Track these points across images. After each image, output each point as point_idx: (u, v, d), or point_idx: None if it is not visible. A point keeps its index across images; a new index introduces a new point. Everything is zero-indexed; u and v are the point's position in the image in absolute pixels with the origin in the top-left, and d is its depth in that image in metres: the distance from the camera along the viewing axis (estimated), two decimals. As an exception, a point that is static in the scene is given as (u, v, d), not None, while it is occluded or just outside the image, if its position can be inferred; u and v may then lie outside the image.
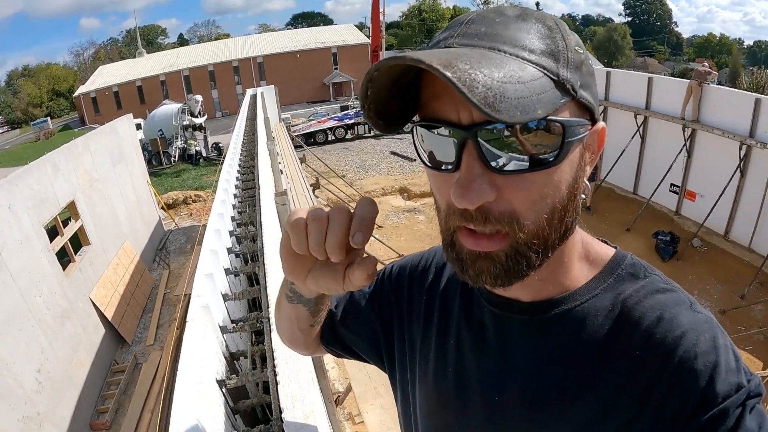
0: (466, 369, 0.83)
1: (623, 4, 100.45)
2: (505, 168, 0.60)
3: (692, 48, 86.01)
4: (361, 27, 61.71)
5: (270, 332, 2.20)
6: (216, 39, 74.47)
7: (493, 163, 0.60)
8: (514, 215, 0.62)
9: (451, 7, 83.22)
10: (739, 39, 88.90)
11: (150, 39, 79.33)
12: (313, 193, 10.15)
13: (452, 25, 0.66)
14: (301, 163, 13.77)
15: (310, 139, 24.93)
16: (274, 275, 2.58)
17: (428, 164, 0.67)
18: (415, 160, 19.90)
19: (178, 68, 49.05)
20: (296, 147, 16.40)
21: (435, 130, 0.63)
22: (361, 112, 0.64)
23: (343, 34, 54.46)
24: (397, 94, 0.64)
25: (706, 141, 13.10)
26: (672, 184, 13.78)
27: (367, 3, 28.91)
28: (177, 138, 24.76)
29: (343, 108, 29.00)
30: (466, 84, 0.52)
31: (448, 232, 0.68)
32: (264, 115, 10.83)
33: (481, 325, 0.82)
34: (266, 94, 16.67)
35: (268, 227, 3.61)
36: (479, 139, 0.60)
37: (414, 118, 0.68)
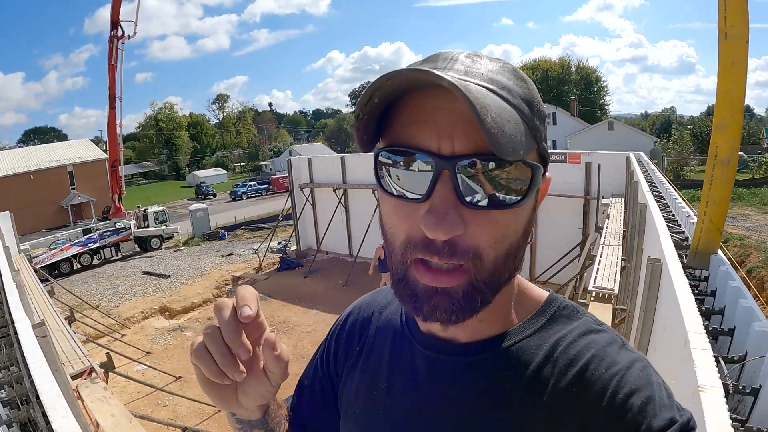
0: (398, 413, 0.81)
1: (349, 95, 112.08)
2: (477, 203, 0.62)
3: None
4: (97, 141, 58.90)
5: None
6: None
7: (467, 198, 0.62)
8: (477, 251, 0.64)
9: (188, 115, 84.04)
10: None
11: None
12: (70, 326, 9.21)
13: (434, 58, 0.68)
14: (50, 296, 12.41)
15: (54, 270, 22.30)
16: (56, 414, 2.31)
17: (392, 192, 0.67)
18: (169, 276, 19.27)
19: None
20: (42, 281, 14.71)
21: (407, 158, 0.64)
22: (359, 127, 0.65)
23: (79, 149, 50.97)
24: (378, 113, 0.65)
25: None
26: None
27: (103, 115, 28.11)
28: None
29: (86, 231, 26.92)
30: (482, 112, 0.55)
31: (402, 266, 0.68)
32: (2, 245, 9.92)
33: (413, 369, 0.81)
34: (1, 223, 14.98)
35: (35, 364, 3.24)
36: (457, 171, 0.61)
37: (379, 144, 0.68)
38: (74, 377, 6.32)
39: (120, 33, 25.82)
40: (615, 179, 13.44)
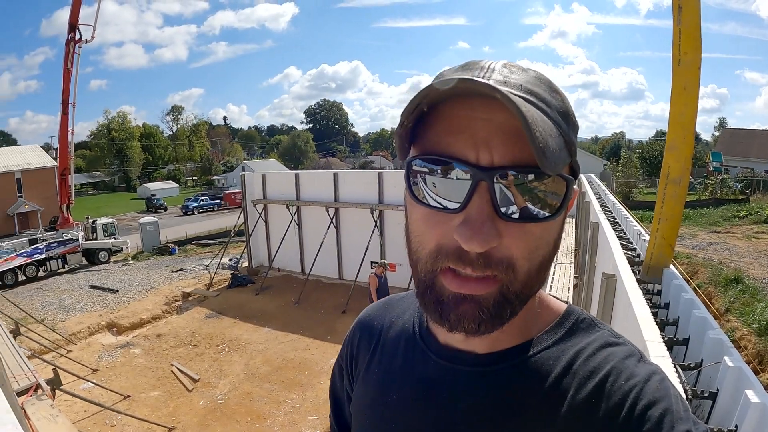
0: (411, 424, 0.80)
1: (304, 112, 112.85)
2: (513, 215, 0.62)
3: (368, 144, 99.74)
4: (47, 148, 56.62)
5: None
6: None
7: (504, 210, 0.62)
8: (511, 262, 0.64)
9: (141, 125, 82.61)
10: None
11: None
12: (15, 340, 8.98)
13: (470, 66, 0.69)
14: None
15: None
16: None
17: (424, 201, 0.66)
18: (117, 291, 18.72)
19: None
20: None
21: (443, 167, 0.64)
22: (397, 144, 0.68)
23: (28, 155, 49.17)
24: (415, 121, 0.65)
25: (392, 218, 16.44)
26: (372, 262, 15.64)
27: (55, 121, 27.29)
28: None
29: (32, 242, 25.75)
30: (532, 125, 0.56)
31: (429, 274, 0.67)
32: None
33: (427, 380, 0.81)
34: None
35: None
36: (495, 183, 0.62)
37: (412, 152, 0.69)
38: (20, 394, 6.22)
39: (78, 37, 25.23)
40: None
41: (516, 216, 0.62)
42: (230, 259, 22.06)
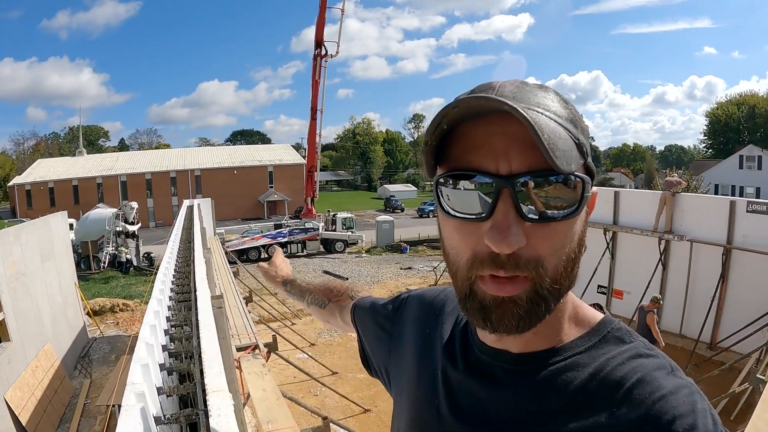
0: (451, 406, 0.86)
1: None
2: (536, 217, 0.67)
3: (609, 159, 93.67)
4: (297, 147, 63.65)
5: (206, 426, 2.25)
6: (156, 147, 76.31)
7: (527, 212, 0.67)
8: (539, 261, 0.68)
9: (384, 131, 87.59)
10: (651, 146, 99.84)
11: (91, 139, 79.85)
12: (246, 306, 10.12)
13: (482, 88, 0.74)
14: (235, 276, 13.82)
15: (243, 256, 24.80)
16: (211, 371, 2.60)
17: (454, 214, 0.72)
18: (347, 279, 20.13)
19: (116, 172, 49.43)
20: (230, 262, 16.37)
21: (468, 181, 0.69)
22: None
23: (280, 153, 55.92)
24: (439, 140, 0.71)
25: (626, 241, 14.58)
26: (599, 286, 14.67)
27: (305, 125, 30.90)
28: (109, 243, 24.25)
29: (277, 226, 29.31)
30: (539, 130, 0.61)
31: (467, 282, 0.73)
32: (200, 225, 10.98)
33: (472, 369, 0.86)
34: (203, 206, 16.79)
35: (205, 327, 3.62)
36: (516, 189, 0.66)
37: (438, 171, 0.74)
38: (239, 349, 6.95)
39: (323, 52, 28.06)
40: None
41: (537, 217, 0.67)
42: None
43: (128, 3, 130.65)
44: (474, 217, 0.69)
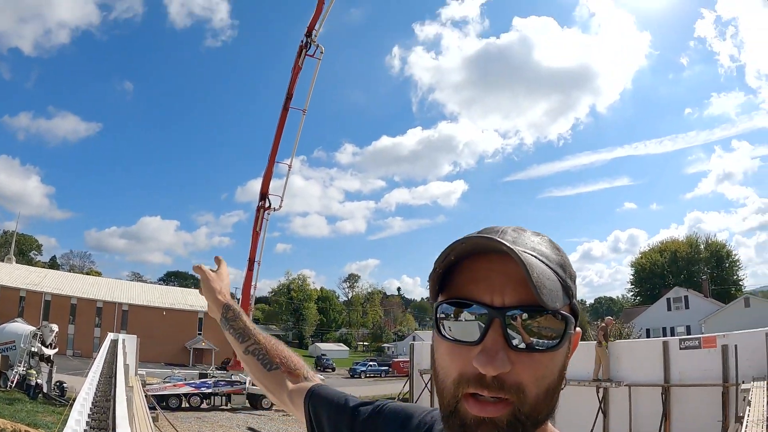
0: None
1: None
2: (522, 346, 0.72)
3: None
4: (231, 297, 63.82)
5: None
6: (87, 273, 74.09)
7: (514, 342, 0.72)
8: (521, 387, 0.72)
9: (319, 289, 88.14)
10: (582, 300, 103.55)
11: (24, 249, 77.31)
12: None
13: (488, 230, 0.82)
14: (154, 422, 12.73)
15: (162, 402, 23.29)
16: None
17: (450, 337, 0.76)
18: None
19: (41, 289, 47.18)
20: (150, 408, 15.05)
21: (466, 309, 0.75)
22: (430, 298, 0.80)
23: (213, 300, 55.68)
24: (444, 271, 0.78)
25: (565, 392, 15.18)
26: None
27: (241, 275, 30.73)
28: (21, 363, 22.20)
29: (202, 375, 28.35)
30: (530, 270, 0.69)
31: (453, 400, 0.76)
32: (124, 361, 10.50)
33: None
34: (128, 343, 16.29)
35: None
36: (506, 320, 0.72)
37: (440, 297, 0.80)
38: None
39: (267, 204, 28.91)
40: (755, 361, 12.13)
41: (523, 347, 0.72)
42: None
43: (89, 122, 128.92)
44: (468, 341, 0.74)
